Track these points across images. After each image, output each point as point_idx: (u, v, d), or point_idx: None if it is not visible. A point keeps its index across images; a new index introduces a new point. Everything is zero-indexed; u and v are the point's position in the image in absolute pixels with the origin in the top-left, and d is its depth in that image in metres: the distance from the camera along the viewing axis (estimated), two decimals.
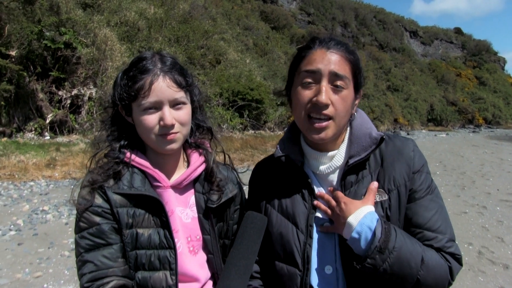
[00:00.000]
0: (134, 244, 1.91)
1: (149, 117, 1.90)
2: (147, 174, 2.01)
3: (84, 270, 1.84)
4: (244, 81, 29.25)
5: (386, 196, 1.87)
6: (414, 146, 1.99)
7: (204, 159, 2.17)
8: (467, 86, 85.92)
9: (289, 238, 1.95)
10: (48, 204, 10.39)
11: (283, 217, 2.00)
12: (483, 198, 13.38)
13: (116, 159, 1.98)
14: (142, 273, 1.92)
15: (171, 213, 2.01)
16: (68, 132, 19.41)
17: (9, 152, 14.92)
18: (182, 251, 2.01)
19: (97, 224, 1.87)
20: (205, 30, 30.50)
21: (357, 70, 1.92)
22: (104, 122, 2.11)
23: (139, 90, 1.88)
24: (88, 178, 1.94)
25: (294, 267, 1.93)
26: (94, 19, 20.85)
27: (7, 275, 6.37)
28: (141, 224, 1.92)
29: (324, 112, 1.81)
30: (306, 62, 1.89)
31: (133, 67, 1.95)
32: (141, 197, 1.92)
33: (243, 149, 22.01)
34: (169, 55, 2.03)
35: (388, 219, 1.85)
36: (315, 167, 2.01)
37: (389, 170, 1.90)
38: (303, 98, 1.87)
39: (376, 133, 1.94)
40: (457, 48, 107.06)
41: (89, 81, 20.00)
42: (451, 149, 31.52)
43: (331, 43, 1.90)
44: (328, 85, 1.83)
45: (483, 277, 6.95)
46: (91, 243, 1.86)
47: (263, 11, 57.17)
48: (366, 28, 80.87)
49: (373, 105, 50.95)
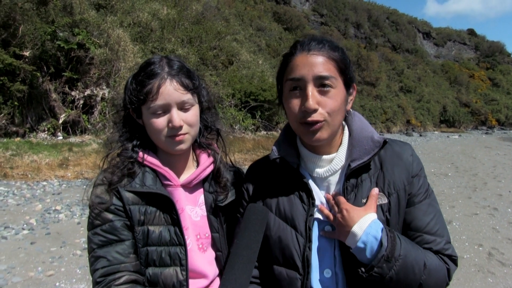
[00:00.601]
0: (145, 241, 1.95)
1: (158, 120, 1.95)
2: (158, 173, 2.05)
3: (97, 265, 1.88)
4: (257, 82, 29.19)
5: (386, 199, 1.87)
6: (412, 151, 2.00)
7: (213, 159, 2.20)
8: (480, 87, 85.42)
9: (288, 241, 1.93)
10: (60, 204, 10.46)
11: (281, 220, 1.98)
12: (495, 200, 13.34)
13: (130, 158, 2.02)
14: (153, 269, 1.96)
15: (181, 211, 2.04)
16: (80, 133, 19.47)
17: (22, 152, 14.99)
18: (192, 248, 2.05)
19: (110, 221, 1.92)
20: (218, 31, 30.45)
21: (344, 66, 1.87)
22: (116, 123, 2.16)
23: (147, 94, 1.94)
24: (101, 177, 1.99)
25: (294, 271, 1.90)
26: (107, 20, 20.89)
27: (20, 274, 6.42)
28: (152, 221, 1.96)
29: (314, 119, 1.79)
30: (290, 69, 1.88)
31: (142, 71, 2.01)
32: (153, 195, 1.97)
33: (255, 149, 22.03)
34: (177, 59, 2.08)
35: (387, 222, 1.85)
36: (312, 169, 1.99)
37: (389, 174, 1.91)
38: (293, 107, 1.85)
39: (378, 137, 1.93)
40: (470, 49, 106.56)
41: (102, 81, 20.04)
42: (464, 151, 31.37)
43: (311, 44, 1.87)
44: (314, 89, 1.80)
45: (492, 278, 6.94)
46: (104, 239, 1.91)
47: (276, 12, 57.22)
48: (379, 29, 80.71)
49: (386, 106, 50.87)
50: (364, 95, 49.47)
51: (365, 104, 47.69)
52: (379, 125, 47.59)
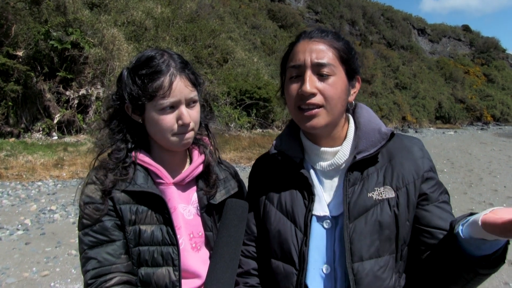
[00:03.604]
0: (137, 241, 1.91)
1: (167, 117, 1.90)
2: (150, 171, 2.01)
3: (88, 266, 1.85)
4: (252, 79, 29.25)
5: (394, 193, 1.83)
6: (422, 146, 1.96)
7: (205, 156, 2.16)
8: (475, 83, 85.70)
9: (287, 236, 1.90)
10: (55, 204, 10.42)
11: (282, 215, 1.94)
12: (490, 195, 13.39)
13: (124, 162, 1.97)
14: (145, 269, 1.93)
15: (174, 210, 2.00)
16: (75, 132, 19.47)
17: (17, 152, 14.98)
18: (185, 247, 2.00)
19: (100, 221, 1.88)
20: (213, 29, 30.46)
21: (346, 56, 1.85)
22: (106, 121, 2.09)
23: (157, 90, 1.87)
24: (92, 176, 1.95)
25: (291, 265, 1.88)
26: (101, 19, 20.91)
27: (15, 274, 6.40)
28: (144, 220, 1.92)
29: (311, 101, 1.78)
30: (291, 56, 1.87)
31: (145, 66, 1.93)
32: (144, 194, 1.92)
33: (250, 147, 22.01)
34: (175, 53, 2.03)
35: (396, 218, 1.81)
36: (316, 162, 1.97)
37: (397, 168, 1.86)
38: (291, 92, 1.84)
39: (385, 129, 1.89)
40: (465, 45, 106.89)
41: (96, 81, 20.04)
42: (459, 147, 31.46)
43: (314, 32, 1.87)
44: (312, 75, 1.79)
45: None
46: (94, 240, 1.87)
47: (270, 9, 57.26)
48: (374, 26, 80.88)
49: (381, 103, 50.95)
50: (359, 92, 48.87)
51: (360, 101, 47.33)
52: None
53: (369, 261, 1.78)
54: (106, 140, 2.05)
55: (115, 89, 2.06)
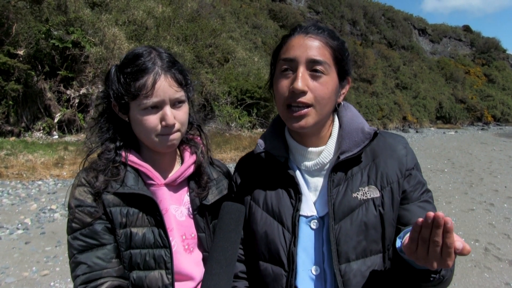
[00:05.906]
0: (128, 244, 1.88)
1: (150, 117, 1.86)
2: (141, 172, 1.98)
3: (78, 271, 1.82)
4: (253, 79, 29.19)
5: (378, 193, 1.82)
6: (406, 143, 1.96)
7: (196, 156, 2.14)
8: (475, 83, 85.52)
9: (275, 237, 1.88)
10: (56, 203, 10.43)
11: (268, 215, 1.93)
12: (491, 195, 13.37)
13: (115, 162, 1.94)
14: (137, 273, 1.90)
15: (165, 212, 1.98)
16: (76, 131, 19.46)
17: (17, 151, 14.98)
18: (177, 249, 1.98)
19: (89, 224, 1.85)
20: (213, 28, 30.37)
21: (340, 56, 1.84)
22: (95, 119, 2.07)
23: (140, 89, 1.83)
24: (81, 178, 1.92)
25: (280, 267, 1.86)
26: (102, 18, 20.88)
27: (14, 274, 6.40)
28: (135, 223, 1.89)
29: (301, 100, 1.75)
30: (285, 49, 1.85)
31: (130, 64, 1.89)
32: (135, 196, 1.89)
33: (251, 147, 21.93)
34: (165, 51, 1.99)
35: (381, 217, 1.80)
36: (301, 162, 1.96)
37: (382, 167, 1.86)
38: (281, 87, 1.81)
39: (368, 128, 1.88)
40: (466, 45, 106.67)
41: (97, 80, 19.97)
42: (460, 147, 31.41)
43: (310, 28, 1.85)
44: (305, 72, 1.77)
45: (489, 274, 6.96)
46: (84, 244, 1.84)
47: (271, 9, 57.12)
48: (374, 26, 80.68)
49: (382, 103, 50.92)
50: (360, 92, 49.52)
51: (361, 101, 47.73)
52: (376, 122, 47.60)
53: (356, 261, 1.78)
54: (95, 139, 2.02)
55: (103, 85, 2.03)
